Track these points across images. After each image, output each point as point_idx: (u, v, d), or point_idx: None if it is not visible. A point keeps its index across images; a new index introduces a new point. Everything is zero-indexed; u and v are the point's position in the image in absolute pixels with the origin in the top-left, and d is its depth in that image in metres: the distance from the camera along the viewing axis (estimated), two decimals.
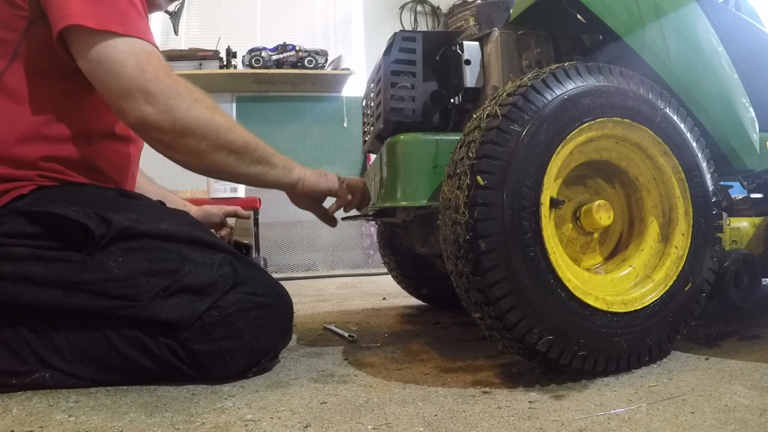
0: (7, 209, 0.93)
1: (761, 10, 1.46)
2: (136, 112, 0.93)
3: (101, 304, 0.91)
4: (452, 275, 0.92)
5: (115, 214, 0.94)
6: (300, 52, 3.89)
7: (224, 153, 1.01)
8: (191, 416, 0.78)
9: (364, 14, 4.41)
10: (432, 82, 1.20)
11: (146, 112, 0.93)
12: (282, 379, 0.99)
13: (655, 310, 0.97)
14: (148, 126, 0.94)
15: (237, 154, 1.03)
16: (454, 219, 0.88)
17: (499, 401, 0.82)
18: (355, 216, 1.39)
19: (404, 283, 1.83)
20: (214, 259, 0.97)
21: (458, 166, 0.90)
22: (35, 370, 0.90)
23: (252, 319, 0.96)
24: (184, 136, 0.97)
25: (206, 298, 0.93)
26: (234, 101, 4.10)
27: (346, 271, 3.85)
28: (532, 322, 0.86)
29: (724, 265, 1.13)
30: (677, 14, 1.11)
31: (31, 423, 0.76)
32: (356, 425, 0.74)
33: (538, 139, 0.89)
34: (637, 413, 0.75)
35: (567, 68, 0.94)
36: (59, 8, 0.90)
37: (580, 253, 1.06)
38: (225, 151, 1.01)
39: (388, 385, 0.93)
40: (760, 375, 0.90)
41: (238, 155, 1.03)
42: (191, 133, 0.97)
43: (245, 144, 1.03)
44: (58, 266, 0.90)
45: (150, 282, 0.92)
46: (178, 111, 0.94)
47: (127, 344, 0.92)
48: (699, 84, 1.12)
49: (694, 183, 1.03)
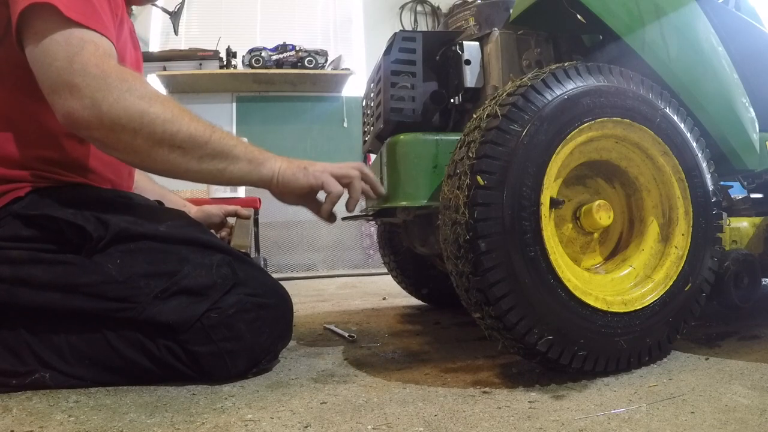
0: (3, 212, 0.93)
1: (761, 10, 1.46)
2: (62, 109, 0.86)
3: (100, 306, 0.91)
4: (452, 275, 0.92)
5: (113, 216, 0.94)
6: (300, 52, 3.89)
7: (165, 148, 0.89)
8: (191, 416, 0.78)
9: (364, 14, 4.41)
10: (432, 82, 1.20)
11: (72, 107, 0.85)
12: (282, 379, 0.99)
13: (655, 310, 0.97)
14: (75, 123, 0.86)
15: (182, 149, 0.90)
16: (454, 219, 0.88)
17: (499, 401, 0.82)
18: (355, 216, 1.39)
19: (404, 283, 1.83)
20: (213, 260, 0.97)
21: (458, 166, 0.90)
22: (35, 370, 0.90)
23: (252, 320, 0.96)
24: (115, 132, 0.87)
25: (205, 300, 0.93)
26: (234, 101, 4.10)
27: (346, 271, 3.85)
28: (532, 322, 0.86)
29: (724, 265, 1.13)
30: (677, 14, 1.11)
31: (31, 423, 0.76)
32: (356, 425, 0.74)
33: (538, 139, 0.89)
34: (637, 413, 0.75)
35: (567, 68, 0.94)
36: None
37: (580, 253, 1.06)
38: (166, 146, 0.89)
39: (388, 385, 0.93)
40: (760, 375, 0.90)
41: (184, 150, 0.90)
42: (121, 128, 0.86)
43: (191, 137, 0.90)
44: (56, 269, 0.90)
45: (149, 284, 0.92)
46: (105, 104, 0.85)
47: (127, 345, 0.92)
48: (699, 84, 1.12)
49: (694, 183, 1.03)
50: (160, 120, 0.88)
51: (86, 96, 0.85)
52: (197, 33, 4.15)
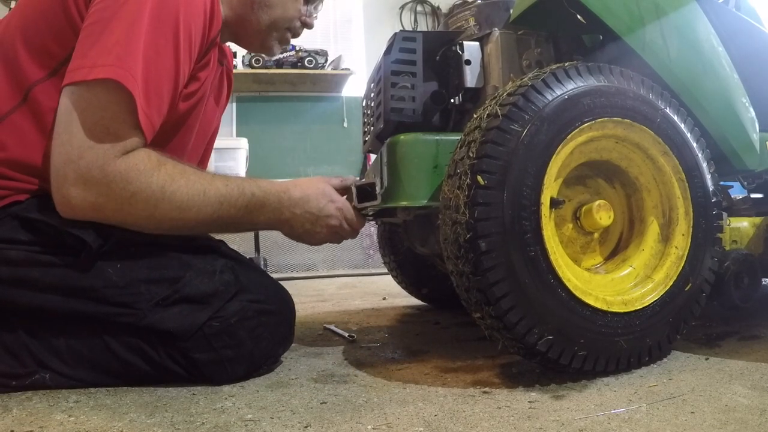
0: (2, 213, 0.91)
1: (761, 10, 1.46)
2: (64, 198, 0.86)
3: (100, 310, 0.89)
4: (452, 275, 0.92)
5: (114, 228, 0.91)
6: (300, 52, 3.89)
7: (177, 230, 0.93)
8: (191, 416, 0.78)
9: (364, 14, 4.41)
10: (432, 82, 1.20)
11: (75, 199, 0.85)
12: (282, 379, 0.99)
13: (655, 310, 0.97)
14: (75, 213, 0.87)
15: (195, 229, 0.95)
16: (455, 219, 0.88)
17: (499, 401, 0.82)
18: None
19: (404, 283, 1.83)
20: (216, 266, 0.96)
21: (458, 166, 0.90)
22: (34, 372, 0.90)
23: (253, 327, 0.95)
24: (124, 224, 0.90)
25: (207, 308, 0.92)
26: (234, 101, 4.09)
27: (346, 271, 3.85)
28: (532, 322, 0.86)
29: (724, 265, 1.13)
30: (677, 14, 1.11)
31: (31, 423, 0.76)
32: (356, 425, 0.74)
33: (539, 139, 0.89)
34: (637, 413, 0.75)
35: (567, 68, 0.94)
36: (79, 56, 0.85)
37: (580, 253, 1.06)
38: (177, 230, 0.93)
39: (388, 385, 0.93)
40: (760, 375, 0.90)
41: (197, 229, 0.96)
42: (129, 224, 0.89)
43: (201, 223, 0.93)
44: (56, 271, 0.88)
45: (150, 290, 0.91)
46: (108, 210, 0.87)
47: (127, 350, 0.92)
48: (699, 84, 1.12)
49: (695, 183, 1.03)
50: (167, 219, 0.89)
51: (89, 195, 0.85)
52: None
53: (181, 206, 0.90)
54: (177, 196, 0.89)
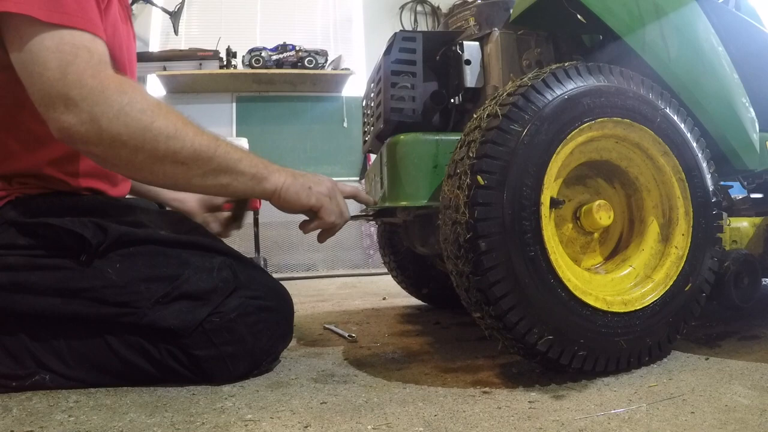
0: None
1: (761, 10, 1.46)
2: (57, 123, 0.80)
3: (101, 311, 0.90)
4: (452, 275, 0.92)
5: (112, 221, 0.93)
6: (300, 52, 3.89)
7: (168, 164, 0.86)
8: (191, 416, 0.78)
9: (364, 14, 4.41)
10: (432, 82, 1.20)
11: (68, 122, 0.80)
12: (282, 379, 0.99)
13: (655, 310, 0.97)
14: (72, 138, 0.82)
15: (185, 165, 0.87)
16: (455, 219, 0.88)
17: (499, 401, 0.82)
18: (355, 216, 1.39)
19: (404, 283, 1.83)
20: (214, 263, 0.96)
21: (458, 166, 0.90)
22: (35, 373, 0.90)
23: (253, 323, 0.95)
24: (115, 148, 0.83)
25: (207, 304, 0.92)
26: (234, 101, 4.10)
27: (346, 271, 3.85)
28: (532, 322, 0.86)
29: (724, 265, 1.13)
30: (677, 14, 1.11)
31: (31, 423, 0.76)
32: (356, 425, 0.74)
33: (539, 139, 0.89)
34: (637, 413, 0.75)
35: (567, 68, 0.94)
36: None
37: (580, 253, 1.06)
38: (169, 162, 0.86)
39: (388, 385, 0.93)
40: (760, 375, 0.90)
41: (187, 166, 0.87)
42: (122, 144, 0.82)
43: (195, 153, 0.87)
44: (55, 274, 0.89)
45: (149, 288, 0.91)
46: (104, 119, 0.80)
47: (128, 349, 0.92)
48: (699, 84, 1.12)
49: (695, 183, 1.03)
50: (163, 136, 0.84)
51: (84, 111, 0.79)
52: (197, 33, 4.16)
53: (177, 125, 0.86)
54: (173, 116, 0.87)
